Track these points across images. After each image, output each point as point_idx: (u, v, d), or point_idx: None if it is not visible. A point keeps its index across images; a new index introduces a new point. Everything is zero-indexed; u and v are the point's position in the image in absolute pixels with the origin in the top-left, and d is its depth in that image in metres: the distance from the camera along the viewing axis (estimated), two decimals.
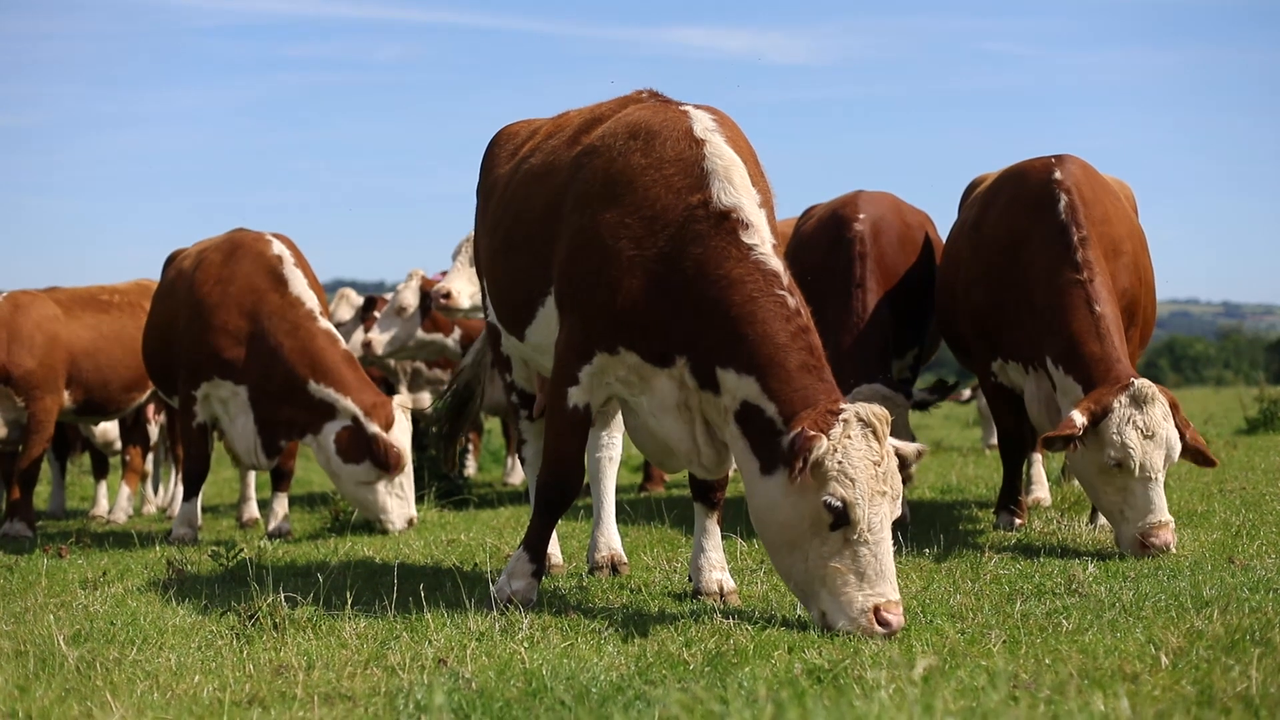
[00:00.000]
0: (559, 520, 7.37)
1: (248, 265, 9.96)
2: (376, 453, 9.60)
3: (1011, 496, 8.61)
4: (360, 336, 12.55)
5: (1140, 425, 7.06)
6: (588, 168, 6.19)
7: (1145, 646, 4.90)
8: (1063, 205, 7.81)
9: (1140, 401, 7.09)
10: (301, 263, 10.11)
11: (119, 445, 12.85)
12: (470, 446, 13.97)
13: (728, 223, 5.79)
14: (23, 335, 10.72)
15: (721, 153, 5.93)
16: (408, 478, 9.89)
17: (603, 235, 5.97)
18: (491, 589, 6.36)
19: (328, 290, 11.82)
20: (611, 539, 7.43)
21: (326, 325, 9.91)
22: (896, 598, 5.36)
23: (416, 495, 10.41)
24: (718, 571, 6.40)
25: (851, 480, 5.31)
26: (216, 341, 9.78)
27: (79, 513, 13.23)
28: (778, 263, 5.77)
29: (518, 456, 9.45)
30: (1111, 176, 8.95)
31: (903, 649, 5.01)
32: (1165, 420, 7.12)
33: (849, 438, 5.36)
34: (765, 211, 5.91)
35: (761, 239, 5.78)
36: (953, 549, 7.49)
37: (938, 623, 5.51)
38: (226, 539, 10.02)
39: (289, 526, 10.14)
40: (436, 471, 11.66)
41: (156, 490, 13.67)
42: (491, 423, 16.47)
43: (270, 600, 5.99)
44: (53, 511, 13.03)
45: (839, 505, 5.31)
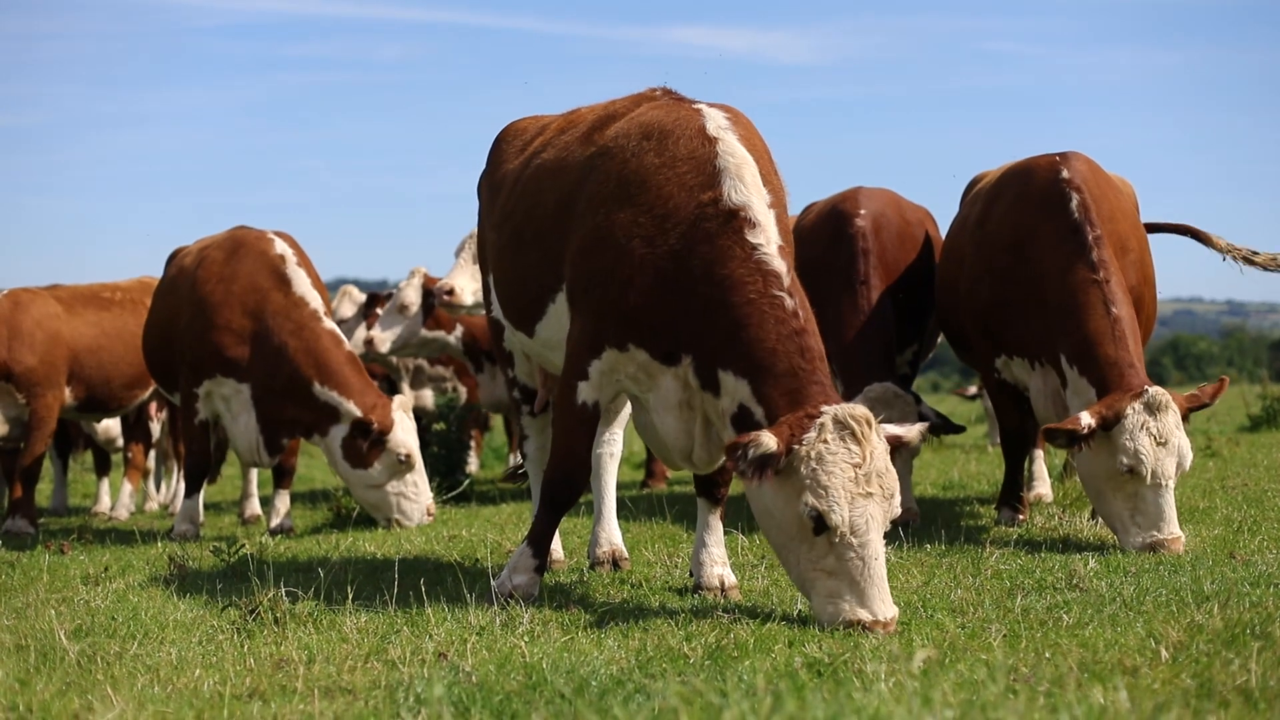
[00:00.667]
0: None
1: (250, 264, 9.96)
2: (375, 438, 9.63)
3: (1013, 492, 8.61)
4: (362, 334, 12.55)
5: (1154, 432, 7.07)
6: (601, 168, 6.19)
7: (1145, 640, 4.90)
8: (1075, 204, 7.80)
9: (1154, 409, 7.10)
10: (304, 262, 10.12)
11: (121, 442, 12.86)
12: (473, 443, 13.97)
13: (735, 221, 5.80)
14: (24, 332, 10.73)
15: (734, 150, 5.94)
16: (420, 475, 9.90)
17: (616, 234, 5.99)
18: (493, 583, 6.36)
19: (330, 289, 11.82)
20: (613, 534, 7.44)
21: (331, 326, 9.92)
22: (885, 616, 5.28)
23: None
24: (719, 566, 6.40)
25: (824, 487, 5.29)
26: (219, 339, 9.79)
27: (81, 510, 13.23)
28: (780, 263, 5.77)
29: (520, 453, 9.44)
30: (1113, 174, 8.94)
31: (902, 642, 5.01)
32: (1178, 428, 7.14)
33: (824, 442, 5.33)
34: (776, 211, 5.92)
35: (767, 239, 5.78)
36: (954, 544, 7.49)
37: (938, 617, 5.52)
38: (228, 535, 10.04)
39: (291, 523, 10.15)
40: (438, 469, 11.67)
41: (158, 487, 13.68)
42: (494, 420, 16.49)
43: (271, 595, 6.00)
44: (55, 509, 13.04)
45: (814, 512, 5.30)
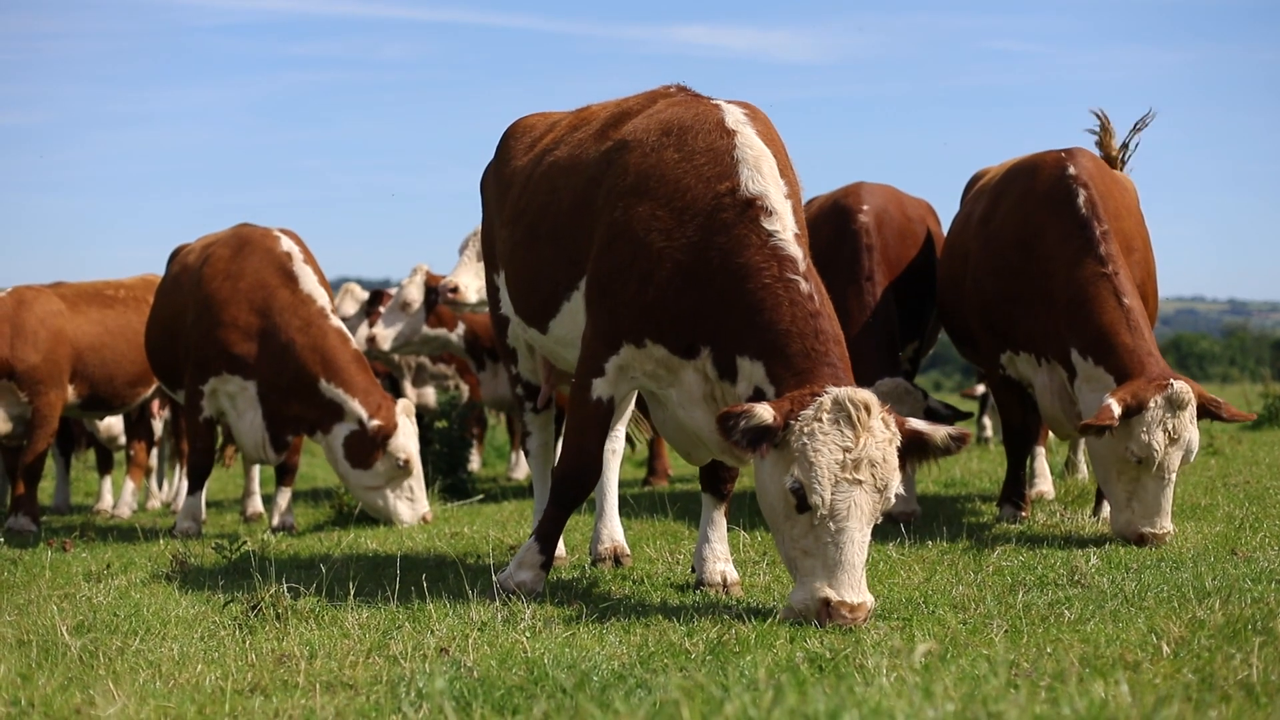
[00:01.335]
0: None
1: (256, 261, 9.96)
2: (373, 439, 9.64)
3: (1015, 489, 8.61)
4: (365, 331, 12.55)
5: (1169, 428, 7.11)
6: (619, 163, 6.21)
7: (1147, 636, 4.90)
8: (1082, 200, 7.81)
9: (1175, 405, 7.13)
10: (310, 259, 10.13)
11: (123, 440, 12.86)
12: (475, 442, 13.97)
13: (751, 210, 5.84)
14: (27, 330, 10.72)
15: (752, 143, 5.99)
16: (417, 480, 9.91)
17: (634, 228, 6.01)
18: (496, 578, 6.35)
19: (333, 287, 11.82)
20: (614, 531, 7.45)
21: (338, 323, 9.94)
22: (853, 599, 5.25)
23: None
24: (722, 563, 6.40)
25: (810, 464, 5.29)
26: (225, 337, 9.79)
27: (83, 508, 13.23)
28: (796, 249, 5.80)
29: (522, 450, 9.46)
30: (1116, 171, 8.95)
31: (904, 637, 5.01)
32: (1191, 424, 7.19)
33: (819, 420, 5.32)
34: (792, 203, 5.96)
35: (783, 225, 5.82)
36: (956, 541, 7.50)
37: (940, 613, 5.52)
38: (230, 532, 10.05)
39: (293, 520, 10.16)
40: (440, 467, 11.67)
41: (161, 485, 13.68)
42: (496, 418, 16.49)
43: (273, 591, 6.01)
44: (57, 506, 13.04)
45: (796, 486, 5.32)
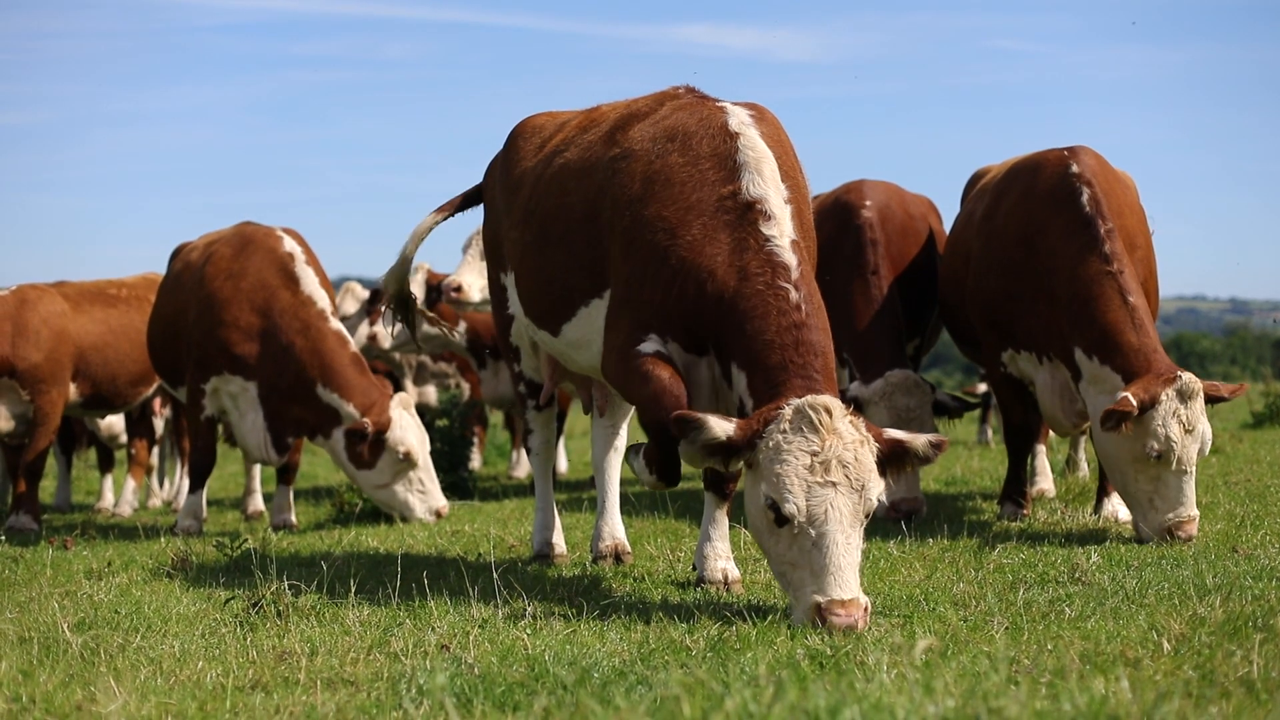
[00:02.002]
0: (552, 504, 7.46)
1: (259, 261, 9.97)
2: (386, 451, 9.64)
3: (1017, 487, 8.61)
4: (365, 330, 12.56)
5: (1184, 419, 7.12)
6: (625, 171, 6.24)
7: (1147, 633, 4.90)
8: (1086, 198, 7.81)
9: (1186, 396, 7.15)
10: (312, 259, 10.14)
11: (124, 439, 12.87)
12: (475, 440, 13.97)
13: (751, 213, 5.85)
14: (29, 329, 10.73)
15: (754, 145, 6.00)
16: (426, 472, 9.91)
17: (644, 233, 6.04)
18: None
19: (334, 286, 11.83)
20: (615, 529, 7.45)
21: (337, 326, 9.94)
22: (843, 595, 5.18)
23: None
24: (723, 560, 6.40)
25: (777, 475, 5.27)
26: (227, 336, 9.80)
27: (84, 506, 13.24)
28: (791, 256, 5.78)
29: (524, 448, 9.47)
30: (1117, 169, 8.95)
31: (905, 634, 5.02)
32: (1203, 415, 7.21)
33: (783, 432, 5.31)
34: (795, 206, 5.95)
35: (780, 231, 5.82)
36: (957, 539, 7.50)
37: (941, 610, 5.51)
38: (231, 531, 10.06)
39: (294, 518, 10.16)
40: (441, 465, 11.67)
41: (162, 484, 13.68)
42: (496, 417, 16.49)
43: (274, 588, 6.02)
44: (58, 505, 13.05)
45: (770, 501, 5.30)
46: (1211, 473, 10.16)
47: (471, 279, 11.23)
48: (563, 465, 13.81)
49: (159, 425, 12.91)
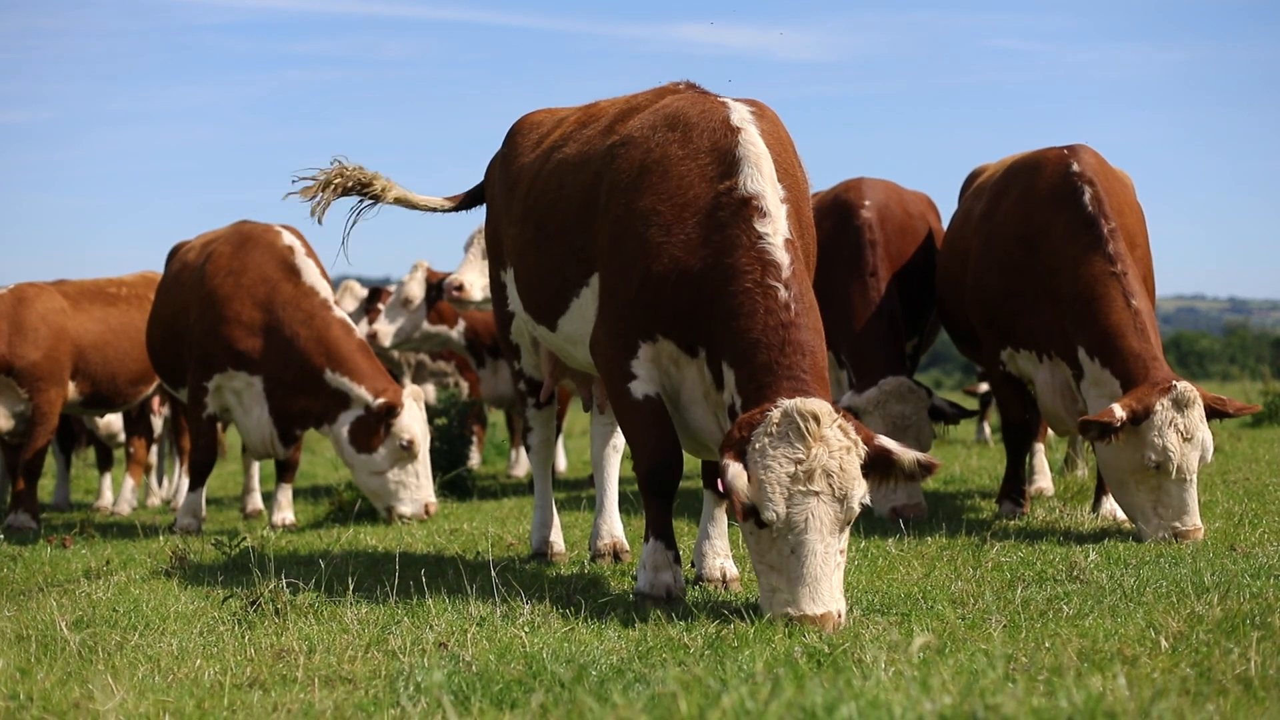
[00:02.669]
0: (550, 509, 7.43)
1: (259, 256, 9.97)
2: (389, 437, 9.64)
3: (1015, 485, 8.61)
4: (364, 328, 12.56)
5: (1181, 429, 7.10)
6: (623, 158, 6.18)
7: (1145, 631, 4.90)
8: (1088, 197, 7.80)
9: (1182, 405, 7.12)
10: (311, 253, 10.15)
11: (123, 437, 12.87)
12: (474, 439, 13.97)
13: (746, 209, 5.79)
14: (26, 328, 10.72)
15: (754, 141, 5.95)
16: (423, 465, 9.90)
17: (636, 224, 5.99)
18: (636, 587, 6.09)
19: (333, 284, 11.83)
20: (614, 527, 7.45)
21: (341, 314, 9.95)
22: (814, 611, 5.15)
23: None
24: (722, 558, 6.40)
25: (760, 480, 5.23)
26: (230, 333, 9.79)
27: (83, 505, 13.25)
28: (783, 254, 5.72)
29: (523, 446, 9.45)
30: (1115, 167, 8.95)
31: (903, 632, 5.01)
32: (1202, 423, 7.17)
33: (768, 435, 5.27)
34: (792, 204, 5.90)
35: (774, 229, 5.76)
36: (955, 537, 7.49)
37: (939, 608, 5.51)
38: (230, 529, 10.06)
39: (292, 517, 10.16)
40: (440, 464, 11.67)
41: (160, 482, 13.68)
42: (495, 416, 16.49)
43: (272, 586, 6.02)
44: (57, 504, 13.05)
45: (749, 506, 5.26)
46: (1210, 471, 10.16)
47: (473, 278, 11.24)
48: (562, 464, 13.82)
49: (157, 424, 12.91)
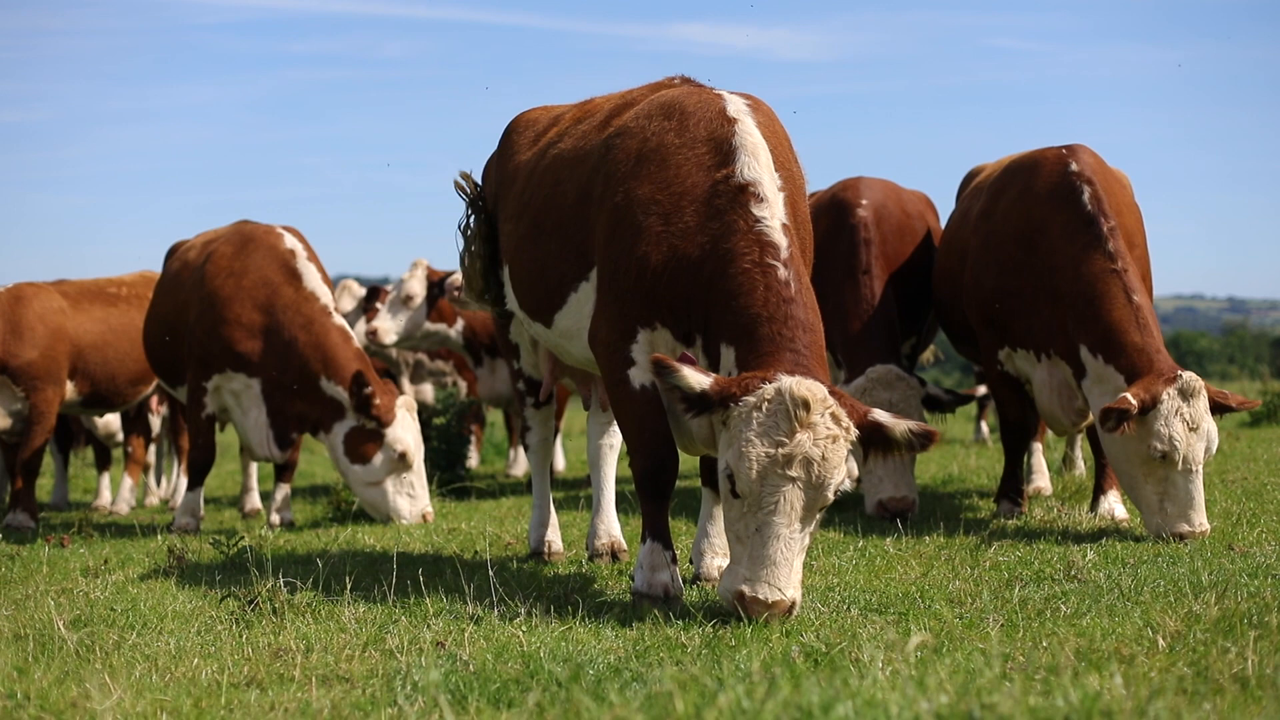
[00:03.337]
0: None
1: (260, 258, 9.96)
2: (383, 447, 9.62)
3: (1013, 485, 8.61)
4: (363, 327, 12.56)
5: (1187, 418, 7.11)
6: (620, 148, 6.19)
7: (1142, 630, 4.90)
8: (1087, 196, 7.80)
9: (1187, 394, 7.14)
10: (313, 256, 10.14)
11: (121, 437, 12.86)
12: (473, 438, 13.97)
13: (743, 195, 5.80)
14: (23, 327, 10.70)
15: (750, 130, 5.97)
16: (418, 476, 9.88)
17: (634, 212, 5.99)
18: (636, 585, 5.98)
19: (333, 284, 11.82)
20: (611, 526, 7.45)
21: (340, 321, 9.94)
22: (767, 596, 5.16)
23: None
24: (720, 557, 6.39)
25: (740, 453, 5.25)
26: (230, 334, 9.78)
27: (82, 504, 13.23)
28: (781, 236, 5.73)
29: (521, 446, 9.47)
30: (1113, 167, 8.95)
31: (900, 631, 5.02)
32: (1207, 413, 7.19)
33: (758, 409, 5.27)
34: (788, 194, 5.90)
35: (771, 213, 5.77)
36: (953, 536, 7.50)
37: (936, 607, 5.51)
38: (228, 529, 10.05)
39: (291, 516, 10.16)
40: (438, 463, 11.68)
41: (159, 482, 13.67)
42: (494, 415, 16.49)
43: (270, 586, 6.02)
44: (55, 503, 13.03)
45: (729, 472, 5.31)
46: (1208, 471, 10.14)
47: None
48: (560, 463, 13.82)
49: (156, 423, 12.90)
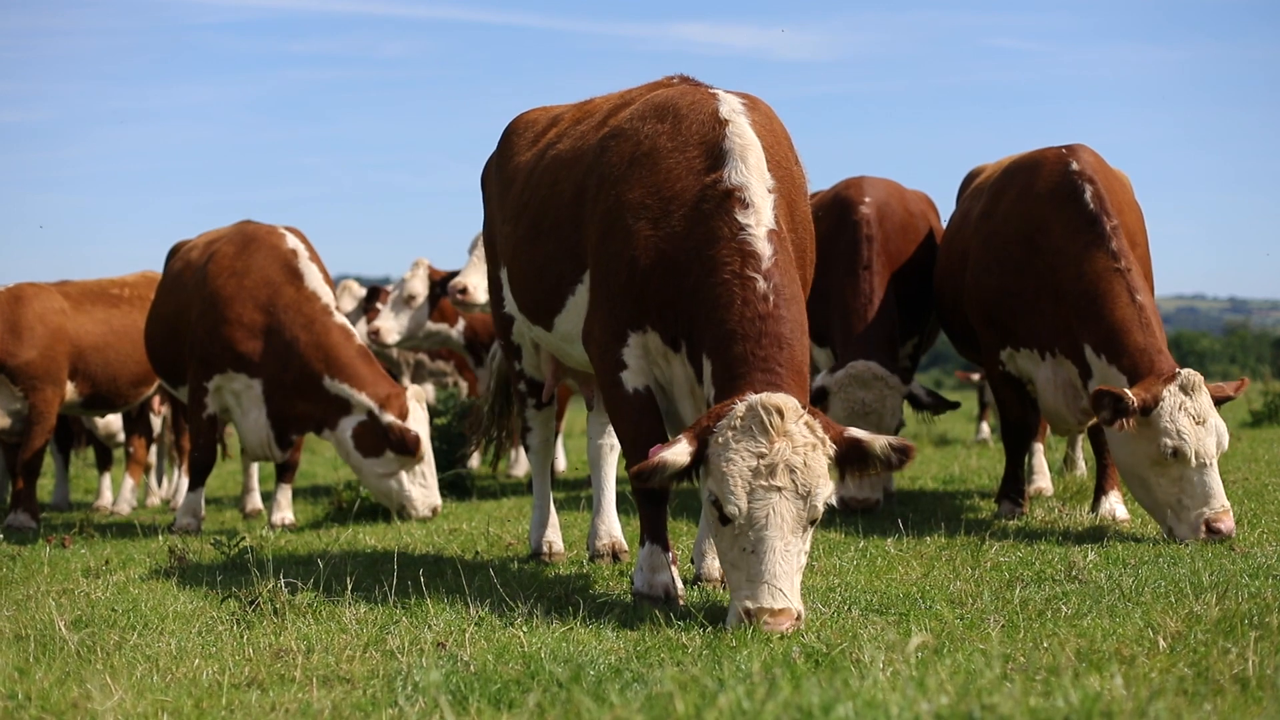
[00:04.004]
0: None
1: (262, 258, 9.97)
2: (394, 441, 9.62)
3: (1014, 485, 8.61)
4: (363, 327, 12.56)
5: (1192, 412, 7.10)
6: (614, 150, 6.16)
7: (1143, 631, 4.90)
8: (1089, 195, 7.80)
9: (1189, 389, 7.13)
10: (314, 256, 10.15)
11: (122, 437, 12.86)
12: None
13: (729, 201, 5.73)
14: (22, 327, 10.70)
15: (742, 133, 5.88)
16: (429, 466, 9.93)
17: (626, 216, 5.96)
18: (636, 586, 6.00)
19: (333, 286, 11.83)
20: (612, 527, 7.44)
21: (341, 320, 9.95)
22: (772, 604, 5.09)
23: None
24: None
25: (723, 474, 5.18)
26: (231, 334, 9.79)
27: (83, 505, 13.25)
28: (765, 245, 5.63)
29: (522, 447, 9.47)
30: (1114, 167, 8.95)
31: (901, 631, 5.02)
32: (1211, 408, 7.17)
33: (732, 429, 5.21)
34: (778, 196, 5.80)
35: (757, 220, 5.68)
36: (954, 537, 7.49)
37: (937, 608, 5.51)
38: (229, 529, 10.06)
39: (292, 517, 10.16)
40: (440, 462, 11.67)
41: (160, 482, 13.68)
42: None
43: (271, 586, 6.02)
44: (57, 504, 13.04)
45: (713, 499, 5.24)
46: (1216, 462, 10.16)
47: (478, 280, 11.27)
48: (561, 463, 13.82)
49: (157, 423, 12.90)
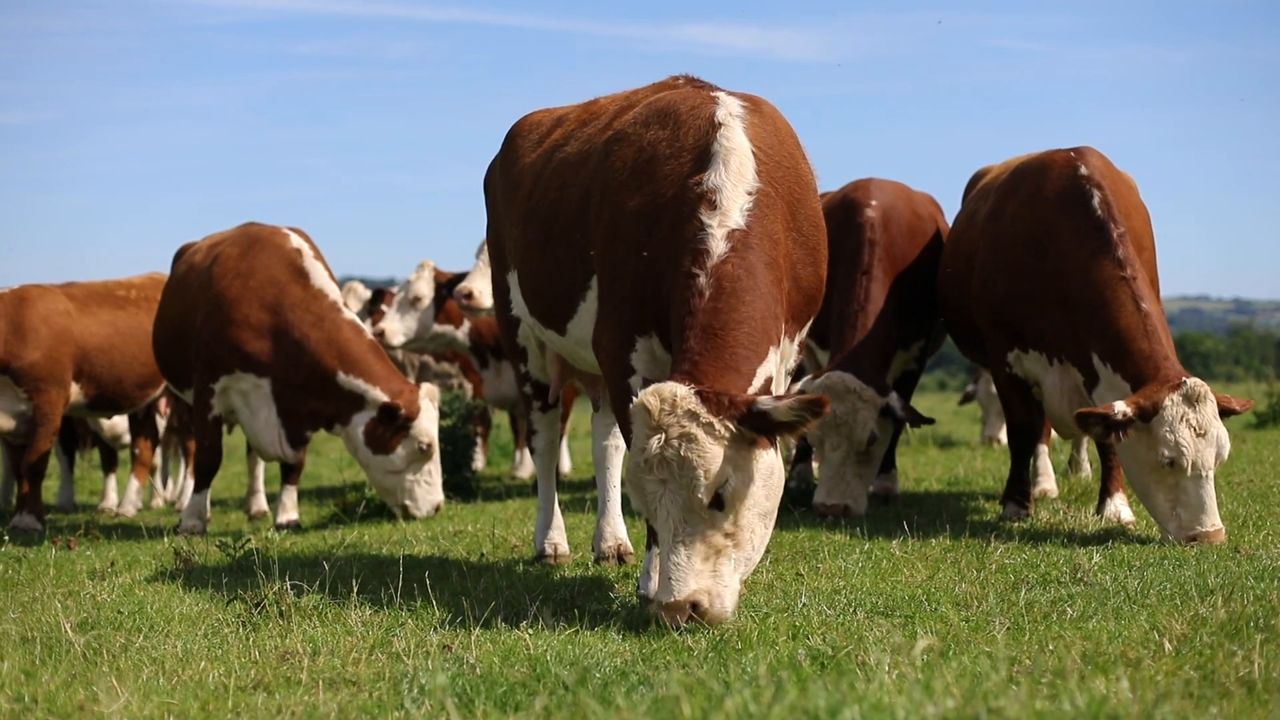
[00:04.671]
0: (553, 511, 7.42)
1: (267, 258, 9.98)
2: (402, 422, 9.65)
3: (1019, 487, 8.60)
4: (368, 329, 12.56)
5: (1193, 423, 7.08)
6: (616, 155, 6.18)
7: (1149, 633, 4.89)
8: (1097, 200, 7.80)
9: (1193, 400, 7.12)
10: (319, 256, 10.17)
11: (127, 439, 12.87)
12: (478, 440, 13.98)
13: (701, 204, 5.74)
14: (26, 328, 10.70)
15: (730, 137, 5.87)
16: (435, 465, 9.97)
17: (627, 224, 5.99)
18: (642, 588, 5.93)
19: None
20: (617, 529, 7.44)
21: (351, 316, 9.98)
22: (664, 598, 5.15)
23: None
24: None
25: (629, 471, 5.34)
26: (238, 335, 9.80)
27: (88, 506, 13.25)
28: (719, 243, 5.60)
29: (527, 448, 9.46)
30: (1120, 170, 8.95)
31: (906, 634, 5.01)
32: (1215, 419, 7.16)
33: (630, 432, 5.37)
34: (757, 198, 5.75)
35: (719, 221, 5.66)
36: (959, 539, 7.49)
37: (943, 610, 5.51)
38: (235, 530, 10.06)
39: (297, 518, 10.17)
40: (444, 465, 11.67)
41: (165, 483, 13.69)
42: (500, 417, 16.49)
43: (276, 588, 6.03)
44: (62, 505, 13.05)
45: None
46: (1214, 473, 10.15)
47: (483, 285, 11.30)
48: (566, 465, 13.83)
49: (162, 425, 12.91)
